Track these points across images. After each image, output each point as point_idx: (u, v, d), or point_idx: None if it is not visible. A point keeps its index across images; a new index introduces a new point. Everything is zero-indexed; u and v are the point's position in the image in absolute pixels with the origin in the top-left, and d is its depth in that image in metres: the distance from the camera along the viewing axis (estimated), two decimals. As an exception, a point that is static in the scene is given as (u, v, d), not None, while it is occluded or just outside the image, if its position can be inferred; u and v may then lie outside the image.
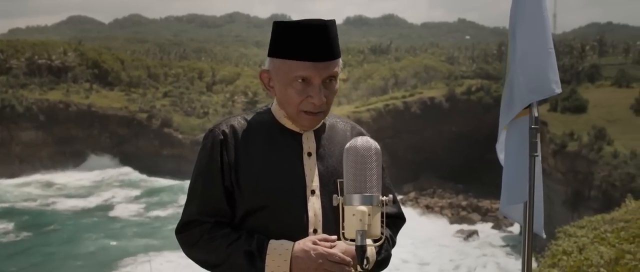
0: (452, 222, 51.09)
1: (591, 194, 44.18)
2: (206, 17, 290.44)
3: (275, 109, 2.28)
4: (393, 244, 2.31)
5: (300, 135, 2.26)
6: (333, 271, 2.01)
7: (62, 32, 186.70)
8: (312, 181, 2.18)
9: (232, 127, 2.24)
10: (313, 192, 2.15)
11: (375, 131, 63.89)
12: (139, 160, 69.10)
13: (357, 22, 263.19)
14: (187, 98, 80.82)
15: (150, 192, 60.55)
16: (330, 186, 2.14)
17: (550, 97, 52.06)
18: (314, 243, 2.04)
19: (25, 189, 63.10)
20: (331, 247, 2.04)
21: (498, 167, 4.01)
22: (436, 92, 69.28)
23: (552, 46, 3.55)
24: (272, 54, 2.22)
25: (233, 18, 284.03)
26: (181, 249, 2.22)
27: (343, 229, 1.94)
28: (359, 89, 79.80)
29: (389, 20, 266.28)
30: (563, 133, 48.73)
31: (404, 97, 69.26)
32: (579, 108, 54.05)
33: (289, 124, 2.25)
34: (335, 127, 2.36)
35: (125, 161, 70.01)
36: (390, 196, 1.98)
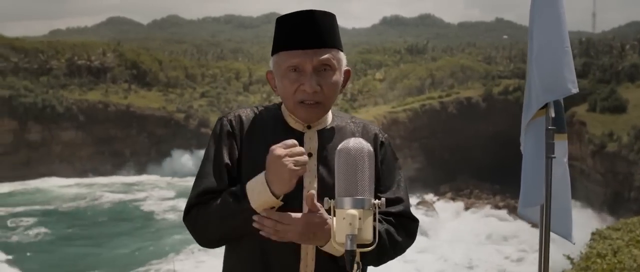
0: (488, 223, 50.66)
1: (631, 196, 43.60)
2: (243, 17, 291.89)
3: (283, 106, 2.30)
4: (393, 241, 2.22)
5: (302, 134, 2.25)
6: (296, 159, 1.99)
7: (101, 33, 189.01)
8: (310, 183, 2.17)
9: (240, 119, 2.28)
10: None
11: (411, 131, 63.99)
12: (177, 160, 69.62)
13: (394, 22, 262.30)
14: (224, 98, 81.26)
15: (187, 192, 60.86)
16: (330, 189, 2.04)
17: (589, 97, 51.36)
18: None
19: (64, 188, 63.91)
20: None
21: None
22: (473, 92, 68.79)
23: (569, 45, 3.51)
24: (272, 52, 2.25)
25: (270, 18, 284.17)
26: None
27: (334, 232, 1.88)
28: (395, 89, 79.50)
29: (426, 20, 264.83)
30: (602, 133, 48.10)
31: (440, 97, 68.88)
32: (619, 108, 53.26)
33: (292, 123, 2.26)
34: (344, 129, 2.31)
35: (162, 160, 70.57)
36: (384, 199, 1.92)
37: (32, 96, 69.52)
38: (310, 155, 2.20)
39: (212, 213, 2.13)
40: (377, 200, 1.89)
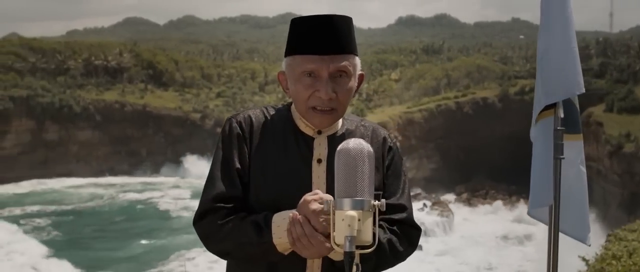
0: (505, 224, 50.48)
1: (649, 197, 43.29)
2: (259, 18, 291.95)
3: (293, 109, 2.26)
4: (395, 251, 2.20)
5: (313, 139, 2.21)
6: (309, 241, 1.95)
7: (118, 34, 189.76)
8: (318, 190, 2.06)
9: (250, 120, 2.24)
10: None
11: (427, 132, 63.85)
12: (193, 160, 69.84)
13: (409, 22, 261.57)
14: (239, 98, 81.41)
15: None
16: None
17: (607, 98, 51.02)
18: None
19: (81, 187, 64.30)
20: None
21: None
22: (489, 92, 68.56)
23: (575, 45, 3.44)
24: (286, 53, 2.21)
25: (286, 19, 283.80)
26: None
27: (333, 234, 1.85)
28: (411, 89, 79.31)
29: (442, 20, 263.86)
30: (619, 134, 47.78)
31: (456, 97, 68.68)
32: (636, 108, 52.89)
33: (302, 126, 2.23)
34: (353, 134, 2.25)
35: (178, 160, 70.81)
36: (384, 200, 1.87)
37: (49, 96, 69.98)
38: (319, 161, 2.18)
39: (228, 234, 2.10)
40: (376, 201, 1.86)
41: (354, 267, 1.82)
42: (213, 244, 2.15)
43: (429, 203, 54.01)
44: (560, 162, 3.44)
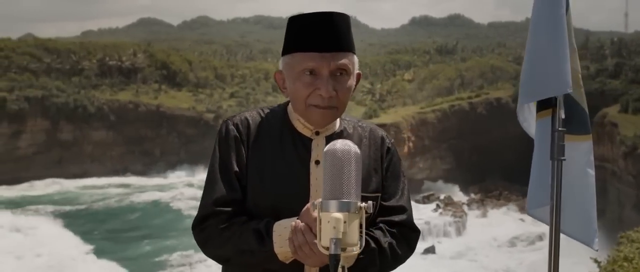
0: (518, 224, 50.31)
1: (664, 198, 43.01)
2: (272, 18, 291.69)
3: (290, 109, 2.22)
4: (395, 255, 2.18)
5: (311, 140, 2.18)
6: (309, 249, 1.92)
7: (132, 34, 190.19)
8: (316, 192, 2.09)
9: (246, 122, 2.20)
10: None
11: (440, 132, 63.67)
12: (206, 160, 69.99)
13: (423, 23, 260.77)
14: (253, 98, 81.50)
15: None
16: None
17: (621, 98, 50.70)
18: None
19: (95, 187, 64.58)
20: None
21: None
22: (503, 92, 68.34)
23: (567, 44, 3.34)
24: (284, 52, 2.17)
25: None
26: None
27: (320, 236, 1.81)
28: (424, 90, 79.17)
29: (455, 20, 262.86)
30: (634, 135, 47.49)
31: (469, 97, 68.53)
32: (652, 109, 52.60)
33: (300, 127, 2.19)
34: (351, 136, 2.23)
35: (192, 160, 70.98)
36: (371, 202, 1.82)
37: (64, 96, 70.41)
38: (317, 163, 2.14)
39: (228, 239, 2.08)
40: (364, 203, 1.82)
41: (340, 270, 1.79)
42: (212, 249, 2.13)
43: (442, 204, 53.91)
44: (561, 163, 3.34)
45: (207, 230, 2.12)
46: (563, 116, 3.34)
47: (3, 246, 42.04)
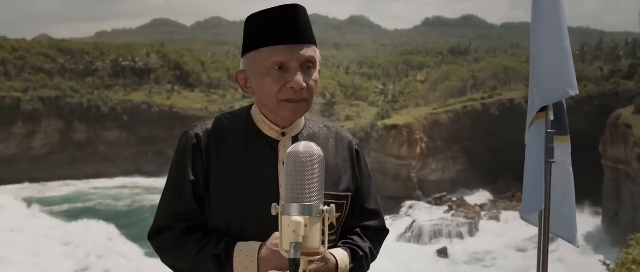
0: (531, 226, 50.07)
1: (677, 200, 42.73)
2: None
3: (254, 111, 2.18)
4: (373, 257, 2.22)
5: (277, 142, 2.13)
6: None
7: (145, 35, 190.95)
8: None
9: (207, 131, 2.14)
10: None
11: (453, 133, 63.51)
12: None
13: (436, 23, 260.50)
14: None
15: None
16: None
17: (636, 99, 50.32)
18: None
19: (109, 188, 64.85)
20: None
21: (579, 172, 3.90)
22: (516, 93, 68.08)
23: (568, 44, 3.34)
24: (245, 50, 2.11)
25: (312, 20, 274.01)
26: None
27: (281, 240, 1.77)
28: (437, 91, 79.06)
29: (469, 21, 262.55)
30: (649, 136, 47.15)
31: (482, 98, 68.34)
32: (667, 110, 52.18)
33: (266, 129, 2.14)
34: (318, 135, 2.20)
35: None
36: (333, 205, 1.79)
37: (77, 97, 70.82)
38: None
39: (184, 258, 2.06)
40: (326, 206, 1.78)
41: None
42: (169, 260, 2.11)
43: (454, 205, 53.78)
44: (551, 165, 3.37)
45: (162, 242, 2.10)
46: (552, 118, 3.36)
47: (21, 246, 42.42)
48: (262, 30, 2.05)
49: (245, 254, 1.99)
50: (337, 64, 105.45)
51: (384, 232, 2.29)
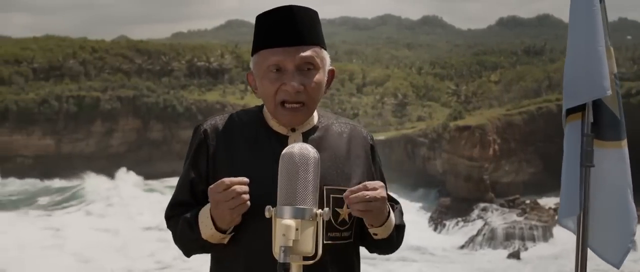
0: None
1: None
2: (358, 19, 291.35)
3: (265, 109, 2.20)
4: (403, 232, 2.25)
5: (286, 137, 2.14)
6: (232, 199, 1.91)
7: (220, 36, 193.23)
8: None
9: (216, 126, 2.22)
10: None
11: (527, 135, 62.45)
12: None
13: (510, 23, 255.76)
14: (337, 99, 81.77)
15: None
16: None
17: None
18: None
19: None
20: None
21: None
22: (593, 95, 66.58)
23: (603, 44, 3.25)
24: (252, 52, 2.17)
25: (384, 20, 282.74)
26: None
27: (274, 242, 1.76)
28: (511, 92, 77.80)
29: (544, 21, 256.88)
30: None
31: (558, 100, 66.79)
32: None
33: (275, 126, 2.16)
34: (330, 130, 2.22)
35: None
36: (327, 209, 1.79)
37: (154, 96, 72.27)
38: None
39: (176, 234, 2.16)
40: (320, 210, 1.77)
41: None
42: (177, 246, 2.22)
43: (527, 208, 52.91)
44: (589, 170, 3.22)
45: (170, 229, 2.21)
46: (592, 120, 3.22)
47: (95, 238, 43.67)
48: (263, 33, 2.11)
49: (203, 211, 2.06)
50: (409, 65, 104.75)
51: (402, 215, 2.30)
